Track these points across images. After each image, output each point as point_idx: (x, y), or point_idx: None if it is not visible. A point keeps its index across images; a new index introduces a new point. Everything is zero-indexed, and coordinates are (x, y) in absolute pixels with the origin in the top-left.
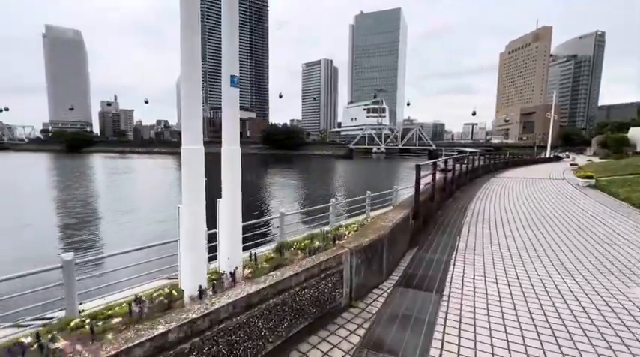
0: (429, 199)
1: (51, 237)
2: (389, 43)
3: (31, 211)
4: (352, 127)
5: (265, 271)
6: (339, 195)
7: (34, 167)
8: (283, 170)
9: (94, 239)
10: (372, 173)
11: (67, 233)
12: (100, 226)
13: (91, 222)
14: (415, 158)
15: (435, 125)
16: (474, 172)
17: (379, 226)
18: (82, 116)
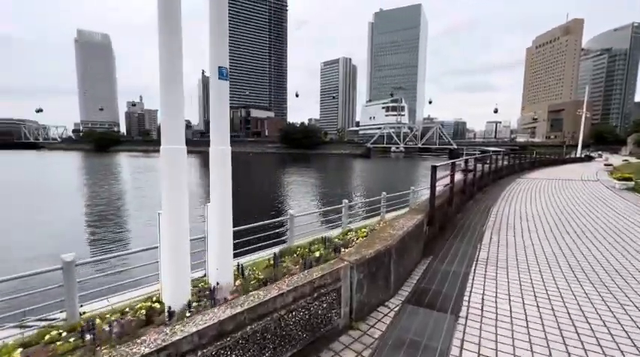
0: (447, 203)
1: (69, 234)
2: (409, 40)
3: (55, 209)
4: (370, 126)
5: (255, 285)
6: (356, 194)
7: (63, 165)
8: (300, 169)
9: (112, 238)
10: (390, 173)
11: (86, 231)
12: (119, 225)
13: (111, 220)
14: (435, 158)
15: (456, 123)
16: (498, 172)
17: (387, 234)
18: (110, 116)
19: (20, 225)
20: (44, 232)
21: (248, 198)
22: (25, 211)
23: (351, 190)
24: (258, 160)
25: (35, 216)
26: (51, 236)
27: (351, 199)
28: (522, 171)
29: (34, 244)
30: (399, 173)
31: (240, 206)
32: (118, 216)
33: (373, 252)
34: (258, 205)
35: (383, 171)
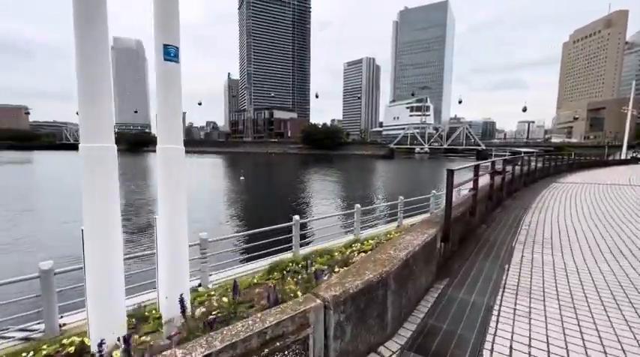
0: (469, 212)
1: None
2: (435, 38)
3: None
4: (394, 127)
5: (200, 328)
6: (378, 197)
7: None
8: (321, 170)
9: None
10: (413, 174)
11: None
12: (138, 225)
13: (132, 221)
14: (462, 159)
15: (484, 123)
16: (530, 175)
17: (386, 256)
18: (142, 118)
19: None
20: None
21: (265, 199)
22: (53, 213)
23: (370, 192)
24: (279, 160)
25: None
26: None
27: (370, 201)
28: (559, 174)
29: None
30: (422, 175)
31: (256, 208)
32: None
33: (361, 283)
34: (274, 207)
35: (405, 173)
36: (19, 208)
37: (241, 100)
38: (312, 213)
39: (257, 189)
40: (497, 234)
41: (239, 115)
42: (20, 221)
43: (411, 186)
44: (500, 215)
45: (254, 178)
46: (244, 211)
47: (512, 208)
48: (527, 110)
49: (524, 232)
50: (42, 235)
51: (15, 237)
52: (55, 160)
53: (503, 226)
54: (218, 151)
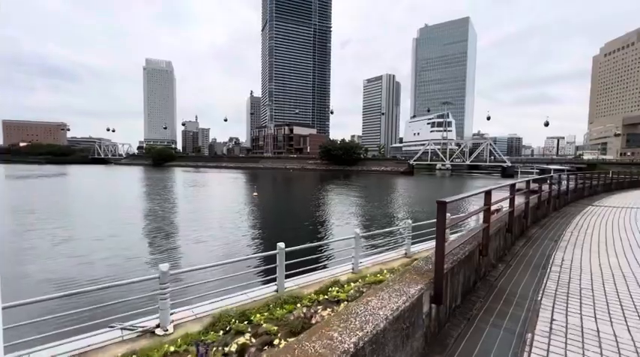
0: (479, 251)
1: (137, 247)
2: (456, 54)
3: (123, 222)
4: (414, 142)
5: None
6: (393, 217)
7: (121, 179)
8: (338, 187)
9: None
10: (433, 192)
11: (153, 243)
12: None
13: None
14: (486, 176)
15: (510, 139)
16: (561, 197)
17: (321, 346)
18: (169, 134)
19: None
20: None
21: (273, 218)
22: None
23: (387, 211)
24: (297, 176)
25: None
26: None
27: (386, 222)
28: (595, 195)
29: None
30: (443, 193)
31: (260, 229)
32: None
33: None
34: (278, 228)
35: (425, 190)
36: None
37: (262, 116)
38: (317, 236)
39: (268, 206)
40: (517, 280)
41: (260, 131)
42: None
43: (430, 205)
44: (523, 250)
45: (268, 194)
46: (243, 233)
47: (539, 241)
48: (549, 125)
49: (555, 278)
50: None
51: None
52: (83, 173)
53: (526, 268)
54: (238, 166)
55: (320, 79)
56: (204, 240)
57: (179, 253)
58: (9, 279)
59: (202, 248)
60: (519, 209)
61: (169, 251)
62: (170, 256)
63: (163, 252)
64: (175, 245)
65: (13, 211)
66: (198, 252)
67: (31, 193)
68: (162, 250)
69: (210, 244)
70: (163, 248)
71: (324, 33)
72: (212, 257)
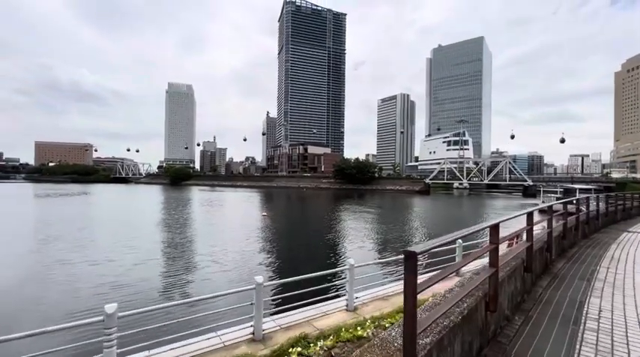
0: (485, 305)
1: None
2: (471, 73)
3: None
4: (430, 161)
5: None
6: (412, 241)
7: (136, 197)
8: (351, 206)
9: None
10: (449, 213)
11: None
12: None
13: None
14: (506, 195)
15: (530, 157)
16: (591, 222)
17: None
18: (188, 154)
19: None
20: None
21: (276, 241)
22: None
23: (398, 235)
24: (310, 195)
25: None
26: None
27: (392, 248)
28: (629, 219)
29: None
30: (459, 213)
31: (256, 255)
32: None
33: None
34: (274, 254)
35: (441, 210)
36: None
37: (278, 136)
38: (317, 264)
39: (276, 227)
40: (540, 343)
41: (275, 151)
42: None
43: (444, 227)
44: (547, 294)
45: (278, 214)
46: (233, 259)
47: (567, 280)
48: (565, 141)
49: (592, 340)
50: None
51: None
52: (103, 190)
53: (551, 323)
54: (252, 185)
55: (334, 100)
56: (180, 271)
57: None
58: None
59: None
60: (541, 240)
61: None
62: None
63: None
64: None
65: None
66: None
67: (45, 214)
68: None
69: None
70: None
71: (338, 55)
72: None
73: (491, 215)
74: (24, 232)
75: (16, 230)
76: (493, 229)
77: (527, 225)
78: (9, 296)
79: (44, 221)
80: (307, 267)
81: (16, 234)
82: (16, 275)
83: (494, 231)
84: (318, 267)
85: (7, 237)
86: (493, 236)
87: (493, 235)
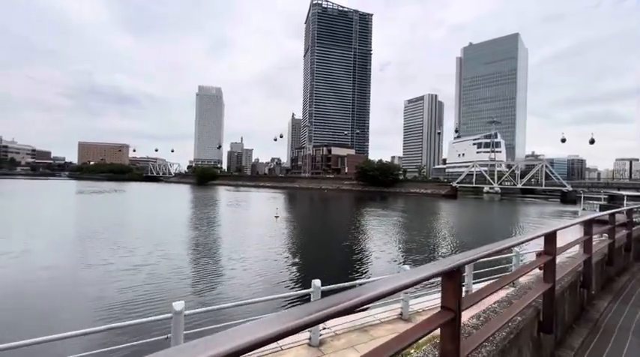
0: (540, 326)
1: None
2: (505, 71)
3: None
4: (459, 164)
5: None
6: (430, 250)
7: (164, 195)
8: (373, 210)
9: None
10: (478, 219)
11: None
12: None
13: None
14: (542, 201)
15: (570, 161)
16: None
17: None
18: (216, 155)
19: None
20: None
21: (279, 251)
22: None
23: (424, 244)
24: (331, 197)
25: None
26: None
27: (413, 259)
28: None
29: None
30: (490, 220)
31: (249, 272)
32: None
33: None
34: (272, 263)
35: (469, 216)
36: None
37: (302, 137)
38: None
39: (286, 231)
40: None
41: (299, 152)
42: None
43: (471, 236)
44: (608, 317)
45: (293, 216)
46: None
47: (632, 300)
48: (594, 142)
49: None
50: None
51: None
52: (133, 189)
53: (615, 353)
54: (274, 186)
55: (360, 101)
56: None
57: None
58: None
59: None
60: (600, 252)
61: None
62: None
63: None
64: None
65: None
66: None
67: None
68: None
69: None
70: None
71: (364, 56)
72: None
73: (526, 220)
74: (50, 231)
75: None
76: (549, 237)
77: (584, 235)
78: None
79: (82, 214)
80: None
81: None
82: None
83: (551, 240)
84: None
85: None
86: (549, 246)
87: (549, 244)
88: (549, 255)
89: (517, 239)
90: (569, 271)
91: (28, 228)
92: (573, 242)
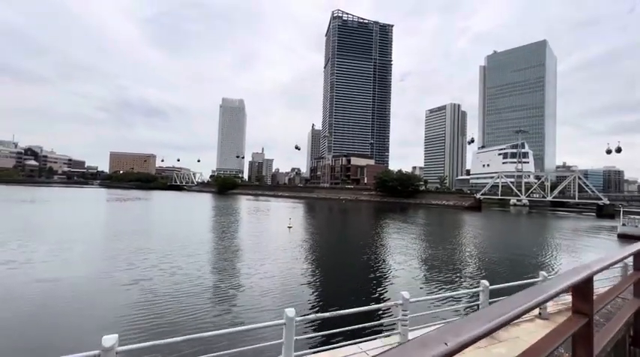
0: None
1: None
2: (532, 79)
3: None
4: (484, 175)
5: None
6: (468, 276)
7: (184, 204)
8: (393, 222)
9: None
10: (506, 234)
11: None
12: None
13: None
14: (575, 215)
15: (606, 173)
16: None
17: None
18: (238, 165)
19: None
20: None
21: (285, 268)
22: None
23: (436, 263)
24: (349, 207)
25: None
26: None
27: (431, 287)
28: None
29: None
30: (519, 237)
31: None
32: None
33: None
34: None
35: (494, 232)
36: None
37: (322, 148)
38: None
39: (296, 244)
40: None
41: (318, 162)
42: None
43: (498, 253)
44: None
45: (308, 227)
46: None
47: None
48: (621, 151)
49: None
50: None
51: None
52: (159, 197)
53: None
54: (293, 196)
55: (380, 111)
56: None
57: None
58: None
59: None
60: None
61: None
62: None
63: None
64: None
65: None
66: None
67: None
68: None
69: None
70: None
71: (384, 66)
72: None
73: (563, 240)
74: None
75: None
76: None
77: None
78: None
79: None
80: (345, 299)
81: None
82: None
83: None
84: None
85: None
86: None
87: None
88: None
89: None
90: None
91: (57, 233)
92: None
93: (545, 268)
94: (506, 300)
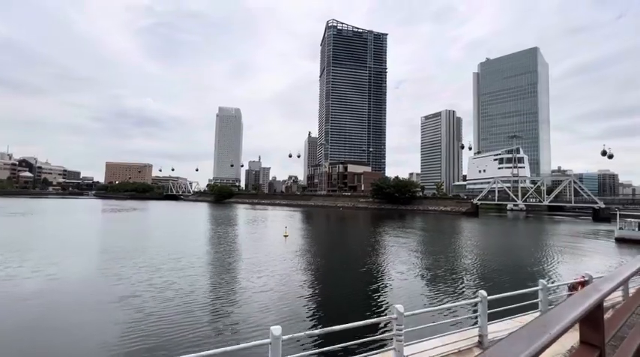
0: None
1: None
2: (525, 85)
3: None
4: (480, 180)
5: None
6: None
7: (180, 213)
8: (390, 229)
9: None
10: (503, 240)
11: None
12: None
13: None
14: (572, 219)
15: (601, 176)
16: None
17: None
18: (235, 173)
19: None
20: None
21: (277, 278)
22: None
23: (439, 272)
24: (346, 215)
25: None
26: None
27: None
28: None
29: None
30: (516, 241)
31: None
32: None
33: None
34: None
35: (492, 238)
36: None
37: (319, 155)
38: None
39: (291, 253)
40: None
41: (315, 170)
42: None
43: (494, 260)
44: None
45: (303, 235)
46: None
47: None
48: (613, 157)
49: None
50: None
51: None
52: (154, 207)
53: None
54: (290, 204)
55: (375, 118)
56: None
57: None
58: None
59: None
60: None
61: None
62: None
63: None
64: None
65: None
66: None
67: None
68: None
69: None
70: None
71: (379, 74)
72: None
73: (563, 246)
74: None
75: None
76: None
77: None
78: None
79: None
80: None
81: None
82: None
83: None
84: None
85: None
86: None
87: None
88: None
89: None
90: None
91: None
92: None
93: (545, 276)
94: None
